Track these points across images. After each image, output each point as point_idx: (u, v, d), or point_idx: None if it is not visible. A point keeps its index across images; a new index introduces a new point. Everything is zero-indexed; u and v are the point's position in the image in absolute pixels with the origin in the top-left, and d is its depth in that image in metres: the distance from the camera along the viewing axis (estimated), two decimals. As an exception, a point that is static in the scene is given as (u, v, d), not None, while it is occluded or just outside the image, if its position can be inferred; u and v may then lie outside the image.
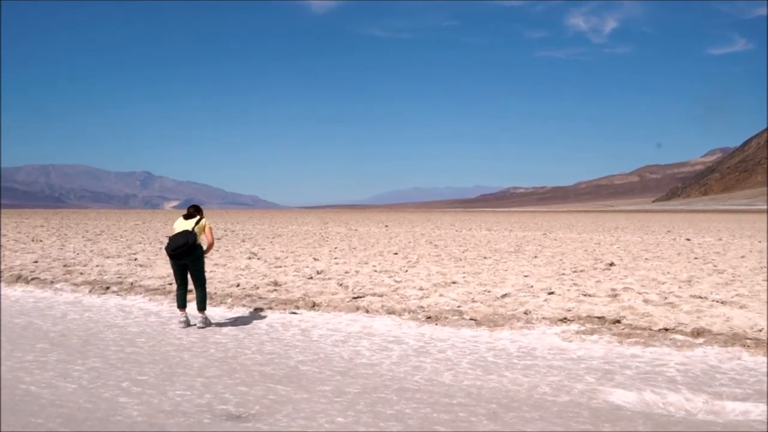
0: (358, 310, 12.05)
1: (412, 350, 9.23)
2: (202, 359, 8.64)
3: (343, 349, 9.26)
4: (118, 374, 7.87)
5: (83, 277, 16.45)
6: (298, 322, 11.20)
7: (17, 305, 12.91)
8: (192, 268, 10.80)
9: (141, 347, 9.33)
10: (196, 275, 10.85)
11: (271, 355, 8.88)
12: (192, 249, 10.71)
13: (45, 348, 9.23)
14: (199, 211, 11.24)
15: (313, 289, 14.25)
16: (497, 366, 8.41)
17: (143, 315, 11.88)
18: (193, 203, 11.53)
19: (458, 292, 13.86)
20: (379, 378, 7.82)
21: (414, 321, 11.18)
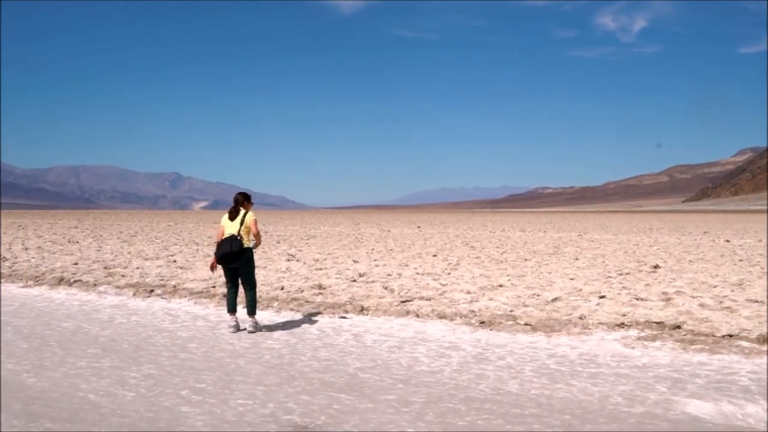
0: (408, 314, 11.82)
1: (471, 357, 8.98)
2: (259, 366, 8.44)
3: (400, 356, 9.03)
4: (175, 382, 7.69)
5: (125, 279, 16.35)
6: (348, 326, 10.99)
7: (63, 308, 12.81)
8: (241, 271, 10.62)
9: (194, 353, 9.15)
10: (245, 279, 10.66)
11: (328, 362, 8.67)
12: (239, 255, 10.52)
13: (97, 353, 9.08)
14: (247, 198, 10.84)
15: (359, 293, 14.03)
16: (562, 374, 8.14)
17: (191, 319, 11.71)
18: (241, 192, 11.02)
19: (507, 296, 13.58)
20: (443, 387, 7.58)
21: (467, 326, 10.94)
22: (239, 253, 10.50)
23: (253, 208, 11.07)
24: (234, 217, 10.65)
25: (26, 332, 10.52)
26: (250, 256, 10.60)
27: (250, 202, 10.94)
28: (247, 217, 10.66)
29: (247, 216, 10.65)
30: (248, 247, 10.57)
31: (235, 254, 10.53)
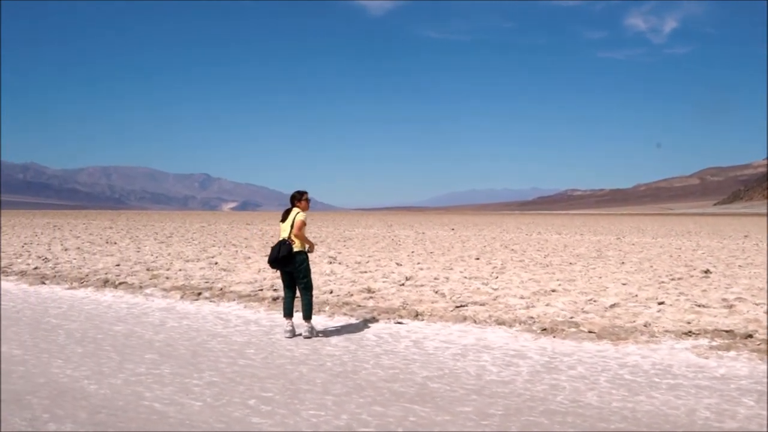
0: (466, 320, 11.52)
1: (540, 366, 8.66)
2: (323, 374, 8.17)
3: (467, 364, 8.72)
4: (240, 390, 7.44)
5: (170, 282, 16.18)
6: (406, 332, 10.70)
7: (112, 311, 12.64)
8: (295, 275, 10.32)
9: (253, 359, 8.90)
10: (299, 282, 10.37)
11: (393, 370, 8.38)
12: (289, 259, 10.25)
13: (155, 359, 8.85)
14: (299, 196, 10.43)
15: (411, 297, 13.74)
16: (639, 385, 7.80)
17: (243, 323, 11.48)
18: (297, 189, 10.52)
19: (563, 302, 13.23)
20: (518, 398, 7.26)
21: (529, 333, 10.61)
22: (287, 258, 10.24)
23: (282, 209, 10.71)
24: (285, 218, 10.37)
25: (79, 336, 10.34)
26: (302, 260, 10.26)
27: (302, 200, 10.47)
28: (296, 217, 10.35)
29: (297, 215, 10.33)
30: (299, 251, 10.24)
31: (281, 260, 10.27)
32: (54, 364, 8.54)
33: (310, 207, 10.60)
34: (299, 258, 10.21)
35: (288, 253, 10.18)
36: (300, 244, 10.22)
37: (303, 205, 10.43)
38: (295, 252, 10.21)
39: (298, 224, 10.22)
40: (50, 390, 7.38)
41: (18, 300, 13.91)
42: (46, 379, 7.85)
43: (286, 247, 10.20)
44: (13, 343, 9.79)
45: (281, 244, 10.24)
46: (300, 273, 10.23)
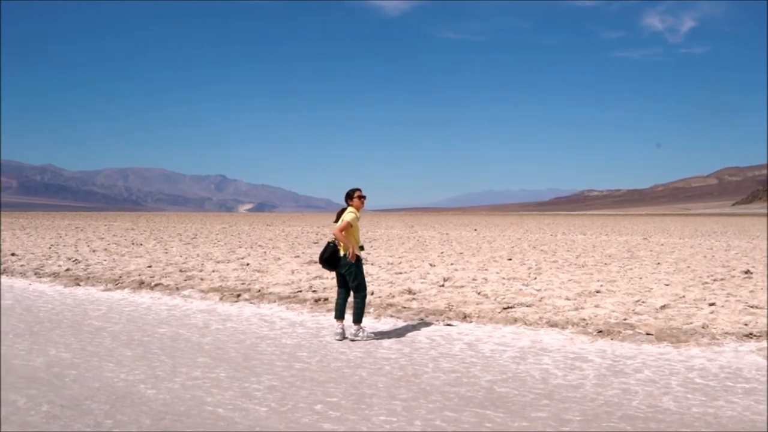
0: (516, 322, 11.25)
1: (605, 369, 8.39)
2: (384, 378, 7.92)
3: (529, 367, 8.46)
4: (303, 395, 7.20)
5: (206, 283, 15.97)
6: (457, 335, 10.44)
7: (152, 313, 12.44)
8: (346, 276, 10.07)
9: (308, 363, 8.67)
10: (350, 284, 10.10)
11: (455, 374, 8.13)
12: (335, 261, 10.01)
13: (208, 363, 8.63)
14: (350, 195, 10.11)
15: (455, 299, 13.47)
16: (714, 389, 7.52)
17: (288, 325, 11.25)
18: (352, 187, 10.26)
19: (611, 303, 12.94)
20: (592, 403, 6.99)
21: (584, 335, 10.33)
22: (332, 259, 10.00)
23: (298, 210, 10.37)
24: (338, 218, 10.11)
25: (124, 338, 10.14)
26: (349, 262, 9.97)
27: (354, 198, 10.10)
28: (342, 217, 10.09)
29: (345, 215, 10.06)
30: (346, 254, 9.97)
31: (327, 261, 10.03)
32: (106, 368, 8.33)
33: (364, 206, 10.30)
34: (345, 260, 9.94)
35: (332, 254, 9.94)
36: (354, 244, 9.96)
37: (356, 203, 10.10)
38: (342, 254, 9.96)
39: (339, 225, 9.98)
40: (108, 395, 7.17)
41: (55, 302, 13.73)
42: (101, 383, 7.64)
43: (331, 248, 9.98)
44: (59, 346, 9.60)
45: (328, 244, 10.02)
46: (349, 275, 9.97)
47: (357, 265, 9.93)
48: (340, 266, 9.95)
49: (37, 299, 14.13)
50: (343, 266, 9.93)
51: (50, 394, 7.19)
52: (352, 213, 9.96)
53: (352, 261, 9.88)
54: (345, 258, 9.92)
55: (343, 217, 9.93)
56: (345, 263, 9.91)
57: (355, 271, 9.92)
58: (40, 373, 8.05)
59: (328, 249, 9.95)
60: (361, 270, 10.04)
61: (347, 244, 9.89)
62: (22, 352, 9.16)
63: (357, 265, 9.93)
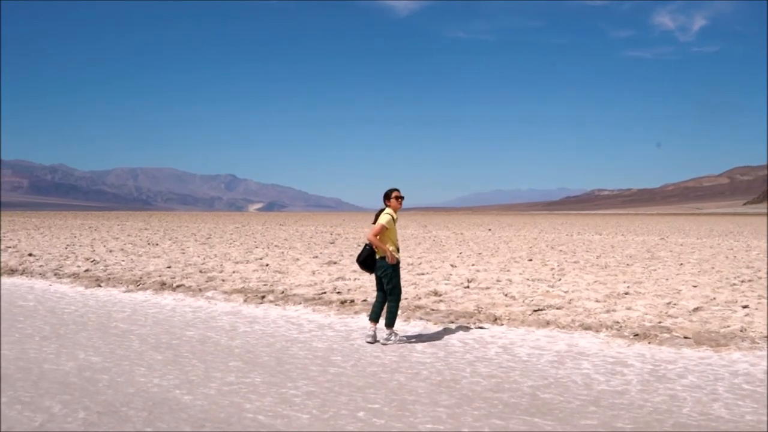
0: (549, 324, 11.06)
1: (648, 374, 8.19)
2: (423, 383, 7.74)
3: (569, 372, 8.28)
4: (343, 401, 7.02)
5: (228, 284, 15.82)
6: (491, 338, 10.25)
7: (177, 315, 12.28)
8: (382, 279, 9.88)
9: (342, 367, 8.50)
10: (384, 287, 9.91)
11: (494, 379, 7.95)
12: (371, 263, 9.83)
13: (241, 367, 8.46)
14: (387, 195, 9.86)
15: (483, 300, 13.30)
16: (762, 396, 7.32)
17: (317, 328, 11.08)
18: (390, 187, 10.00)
19: (642, 305, 12.73)
20: (641, 410, 6.79)
21: (620, 338, 10.13)
22: (367, 262, 9.83)
23: (308, 209, 10.15)
24: (376, 219, 9.91)
25: (153, 342, 9.98)
26: (384, 265, 9.77)
27: (391, 199, 9.86)
28: (378, 219, 9.89)
29: (381, 216, 9.86)
30: (382, 256, 9.77)
31: (363, 263, 9.87)
32: (138, 373, 8.17)
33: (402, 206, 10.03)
34: (381, 263, 9.75)
35: (368, 256, 9.77)
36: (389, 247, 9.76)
37: (393, 204, 9.88)
38: (378, 257, 9.78)
39: (374, 229, 9.79)
40: (144, 401, 7.00)
41: (78, 303, 13.60)
42: (135, 389, 7.47)
43: (367, 250, 9.80)
44: (88, 349, 9.45)
45: (364, 246, 9.85)
46: (385, 278, 9.78)
47: (393, 267, 9.72)
48: (377, 269, 9.77)
49: (59, 300, 13.99)
50: (379, 268, 9.75)
51: (85, 399, 7.03)
52: (388, 215, 9.75)
53: (392, 264, 9.67)
54: (381, 260, 9.72)
55: (380, 219, 9.74)
56: (381, 265, 9.71)
57: (390, 274, 9.72)
58: (72, 378, 7.90)
59: (365, 251, 9.78)
60: (397, 273, 9.80)
61: (382, 248, 9.68)
62: (51, 356, 9.01)
63: (393, 267, 9.72)
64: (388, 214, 9.74)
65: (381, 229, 9.64)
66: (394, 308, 9.83)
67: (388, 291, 9.78)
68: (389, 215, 9.72)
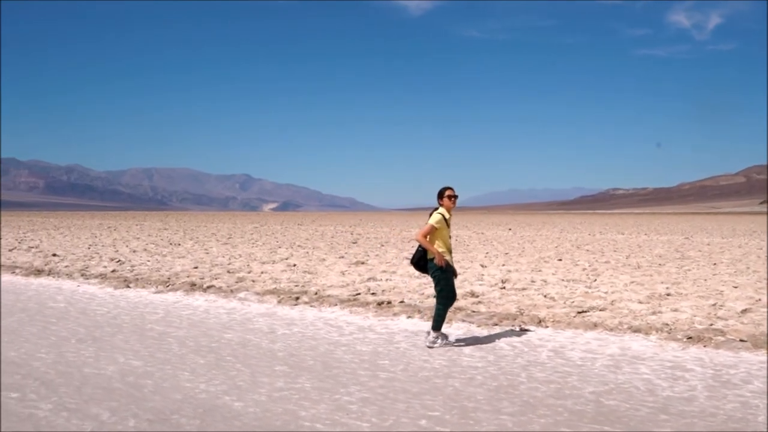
0: (596, 327, 10.74)
1: (711, 380, 7.87)
2: (480, 389, 7.44)
3: (629, 377, 7.96)
4: (400, 408, 6.73)
5: (259, 285, 15.57)
6: (538, 341, 9.94)
7: (212, 317, 12.03)
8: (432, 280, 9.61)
9: (393, 372, 8.21)
10: (434, 288, 9.63)
11: (553, 384, 7.64)
12: (423, 264, 9.55)
13: (287, 372, 8.19)
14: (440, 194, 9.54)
15: (523, 302, 13.00)
16: (839, 403, 6.96)
17: (357, 330, 10.80)
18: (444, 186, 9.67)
19: (687, 307, 12.39)
20: (714, 418, 6.48)
21: (673, 342, 9.80)
22: (422, 262, 9.56)
23: (322, 209, 9.82)
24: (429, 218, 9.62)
25: (192, 345, 9.72)
26: (434, 267, 9.49)
27: (444, 198, 9.54)
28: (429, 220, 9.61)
29: (432, 217, 9.58)
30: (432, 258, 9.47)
31: (416, 264, 9.62)
32: (182, 377, 7.91)
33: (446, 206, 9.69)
34: (431, 264, 9.46)
35: (421, 257, 9.49)
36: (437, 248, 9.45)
37: (446, 203, 9.55)
38: (429, 258, 9.48)
39: (423, 228, 9.51)
40: (193, 408, 6.73)
41: (109, 305, 13.37)
42: (183, 394, 7.20)
43: (420, 251, 9.52)
44: (127, 352, 9.20)
45: (419, 248, 9.56)
46: (434, 279, 9.49)
47: (442, 270, 9.39)
48: (429, 270, 9.49)
49: (89, 302, 13.77)
50: (430, 269, 9.46)
51: (132, 406, 6.77)
52: (439, 215, 9.44)
53: (441, 265, 9.36)
54: (431, 262, 9.42)
55: (430, 219, 9.45)
56: (431, 267, 9.42)
57: (439, 276, 9.40)
58: (116, 383, 7.64)
59: (418, 252, 9.50)
60: (447, 276, 9.43)
61: (429, 248, 9.38)
62: (90, 360, 8.77)
63: (442, 270, 9.39)
64: (439, 213, 9.45)
65: (430, 230, 9.35)
66: (442, 311, 9.51)
67: (437, 292, 9.49)
68: (440, 215, 9.42)
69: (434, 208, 9.67)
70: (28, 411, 6.60)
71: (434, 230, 9.37)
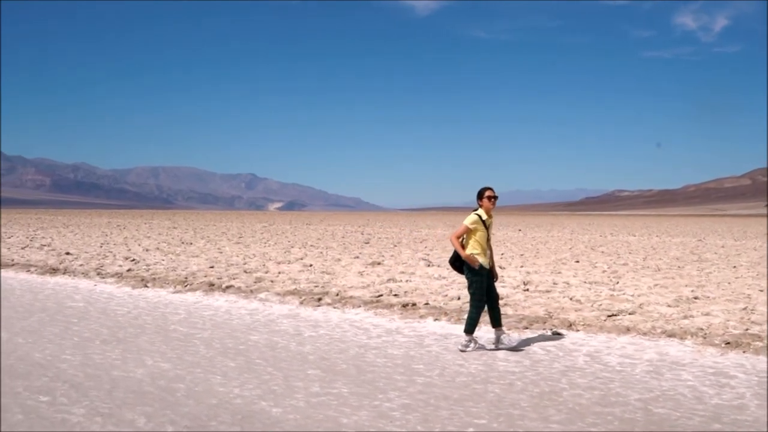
0: (629, 331, 10.53)
1: (757, 386, 7.66)
2: (522, 395, 7.23)
3: (673, 384, 7.75)
4: (444, 415, 6.53)
5: (279, 286, 15.38)
6: (572, 345, 9.73)
7: (235, 318, 11.84)
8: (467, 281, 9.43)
9: (429, 376, 8.01)
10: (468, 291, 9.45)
11: (596, 391, 7.43)
12: (459, 265, 9.35)
13: (321, 376, 7.99)
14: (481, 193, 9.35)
15: (550, 304, 12.79)
16: None
17: (385, 333, 10.62)
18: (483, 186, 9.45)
19: (718, 310, 12.17)
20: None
21: (711, 347, 9.58)
22: (457, 263, 9.37)
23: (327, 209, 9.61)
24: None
25: (219, 347, 9.53)
26: (469, 268, 9.29)
27: (483, 199, 9.35)
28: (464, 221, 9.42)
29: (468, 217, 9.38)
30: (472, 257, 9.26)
31: (452, 264, 9.45)
32: (214, 381, 7.71)
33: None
34: (466, 265, 9.26)
35: (456, 258, 9.30)
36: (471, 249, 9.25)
37: (484, 204, 9.34)
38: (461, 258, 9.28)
39: (456, 230, 9.35)
40: (231, 413, 6.53)
41: (129, 305, 13.19)
42: (218, 399, 7.01)
43: (456, 252, 9.33)
44: (154, 354, 9.00)
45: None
46: (468, 281, 9.30)
47: (474, 272, 9.19)
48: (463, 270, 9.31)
49: (108, 301, 13.60)
50: (465, 271, 9.27)
51: (167, 411, 6.57)
52: (475, 216, 9.24)
53: (475, 266, 9.16)
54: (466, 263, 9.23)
55: (466, 219, 9.26)
56: (466, 268, 9.22)
57: (471, 278, 9.24)
58: (147, 387, 7.45)
59: (453, 254, 9.31)
60: (480, 279, 9.23)
61: (458, 249, 9.18)
62: (117, 362, 8.58)
63: (474, 272, 9.19)
64: (476, 214, 9.25)
65: (464, 230, 9.18)
66: (474, 314, 9.32)
67: (470, 295, 9.30)
68: (476, 215, 9.22)
69: (473, 208, 9.47)
70: (60, 416, 6.40)
71: (468, 231, 9.18)
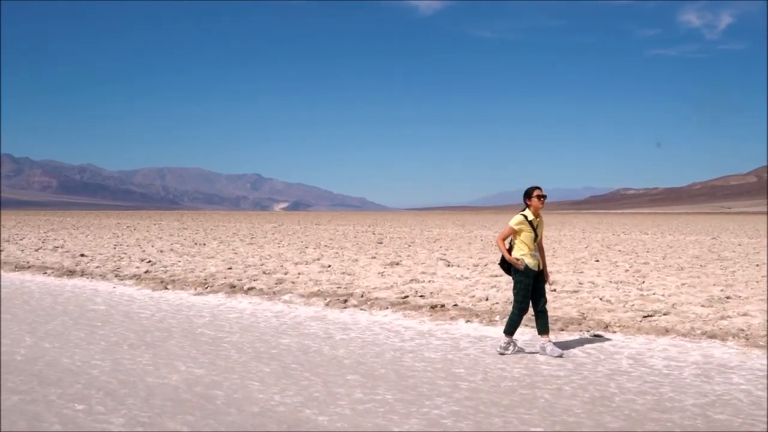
0: (669, 332, 10.28)
1: (814, 391, 7.37)
2: (574, 401, 6.98)
3: (726, 388, 7.50)
4: (498, 423, 6.28)
5: (301, 287, 15.16)
6: (612, 348, 9.49)
7: (262, 321, 11.61)
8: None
9: (472, 381, 7.77)
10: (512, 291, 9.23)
11: (648, 396, 7.19)
12: (507, 265, 9.11)
13: (362, 381, 7.76)
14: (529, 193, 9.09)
15: (582, 305, 12.55)
16: None
17: (418, 336, 10.38)
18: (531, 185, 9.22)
19: (755, 310, 11.92)
20: (838, 436, 5.98)
21: (755, 348, 9.35)
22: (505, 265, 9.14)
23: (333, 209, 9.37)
24: None
25: (250, 351, 9.29)
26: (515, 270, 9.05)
27: (531, 198, 9.08)
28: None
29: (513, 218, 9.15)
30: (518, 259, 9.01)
31: (501, 265, 9.25)
32: (252, 388, 7.48)
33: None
34: (513, 266, 9.02)
35: (503, 260, 9.07)
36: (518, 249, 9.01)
37: (533, 203, 9.07)
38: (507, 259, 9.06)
39: (502, 231, 9.15)
40: (276, 423, 6.30)
41: (151, 308, 12.96)
42: (260, 407, 6.77)
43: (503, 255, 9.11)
44: (186, 360, 8.77)
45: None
46: (513, 282, 9.07)
47: (519, 273, 8.95)
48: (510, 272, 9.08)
49: (130, 304, 13.38)
50: (512, 272, 9.04)
51: (210, 420, 6.33)
52: (521, 216, 9.00)
53: (520, 268, 8.92)
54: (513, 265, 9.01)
55: (512, 220, 9.03)
56: (513, 269, 8.99)
57: (515, 279, 9.00)
58: (184, 394, 7.22)
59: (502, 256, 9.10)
60: (523, 280, 8.98)
61: (502, 251, 8.96)
62: (149, 368, 8.35)
63: (519, 273, 8.95)
64: (522, 214, 9.00)
65: (509, 232, 8.97)
66: (516, 316, 9.07)
67: (514, 295, 9.08)
68: (521, 216, 8.98)
69: (521, 207, 9.23)
70: (100, 426, 6.18)
71: (513, 232, 8.94)
